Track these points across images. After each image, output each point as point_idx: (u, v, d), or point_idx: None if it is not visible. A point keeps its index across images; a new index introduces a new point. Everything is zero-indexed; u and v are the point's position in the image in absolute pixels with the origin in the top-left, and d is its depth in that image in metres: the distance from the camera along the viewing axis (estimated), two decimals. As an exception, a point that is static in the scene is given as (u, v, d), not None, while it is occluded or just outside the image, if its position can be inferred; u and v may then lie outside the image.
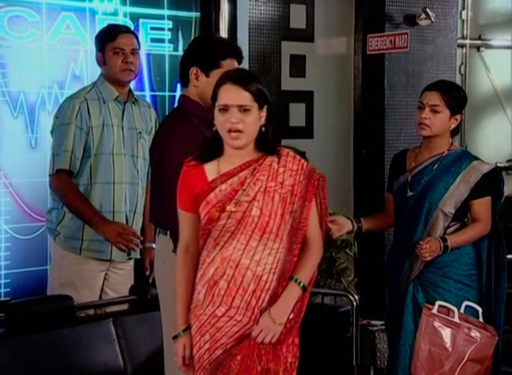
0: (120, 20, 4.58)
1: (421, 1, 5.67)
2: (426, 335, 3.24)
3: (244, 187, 2.58)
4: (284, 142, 5.53)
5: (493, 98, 6.58)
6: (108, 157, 3.63)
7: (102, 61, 3.70)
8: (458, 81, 6.15)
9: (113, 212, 3.64)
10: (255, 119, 2.59)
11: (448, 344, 3.20)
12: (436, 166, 3.41)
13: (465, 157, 3.47)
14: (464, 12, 6.26)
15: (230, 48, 3.09)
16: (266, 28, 5.38)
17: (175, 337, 2.65)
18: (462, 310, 3.27)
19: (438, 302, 3.26)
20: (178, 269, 2.68)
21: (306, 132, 5.68)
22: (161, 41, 4.77)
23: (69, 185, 3.60)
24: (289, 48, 5.52)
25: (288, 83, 5.53)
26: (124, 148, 3.67)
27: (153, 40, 4.73)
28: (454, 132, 3.49)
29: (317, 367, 3.61)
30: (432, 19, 5.61)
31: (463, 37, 6.27)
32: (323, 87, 5.72)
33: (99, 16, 4.51)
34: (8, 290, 4.20)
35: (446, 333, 3.22)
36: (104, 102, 3.64)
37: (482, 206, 3.39)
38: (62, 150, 3.57)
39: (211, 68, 2.97)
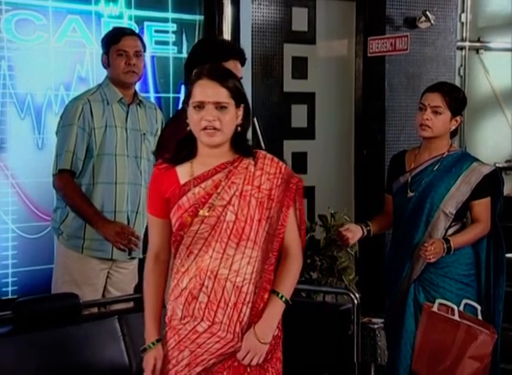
0: (125, 23, 4.59)
1: (421, 4, 5.68)
2: (426, 333, 3.25)
3: (219, 191, 2.40)
4: (286, 143, 5.57)
5: (492, 100, 6.58)
6: (111, 158, 3.63)
7: (107, 63, 3.71)
8: (457, 83, 6.16)
9: (115, 211, 3.63)
10: (232, 118, 2.40)
11: (448, 342, 3.21)
12: (437, 167, 3.41)
13: (465, 158, 3.48)
14: (463, 15, 6.27)
15: (232, 50, 3.10)
16: (268, 31, 5.39)
17: (144, 350, 2.49)
18: (461, 308, 3.28)
19: (438, 300, 3.27)
20: (147, 278, 2.51)
21: (308, 133, 5.69)
22: (166, 43, 4.78)
23: (70, 185, 3.61)
24: (291, 51, 5.53)
25: (290, 84, 5.55)
26: (127, 149, 3.66)
27: (157, 42, 4.74)
28: (453, 133, 3.49)
29: (318, 364, 3.62)
30: (432, 21, 5.62)
31: (462, 40, 6.28)
32: (325, 88, 5.73)
33: (105, 19, 4.52)
34: (15, 288, 4.21)
35: (446, 331, 3.22)
36: (108, 104, 3.64)
37: (483, 207, 3.39)
38: (64, 150, 3.58)
39: None
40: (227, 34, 4.91)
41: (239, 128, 2.44)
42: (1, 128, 4.18)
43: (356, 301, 3.57)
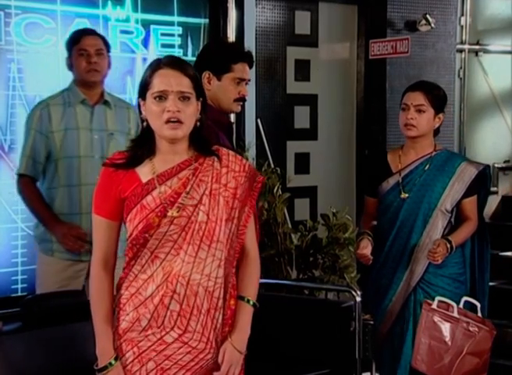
0: (132, 26, 4.59)
1: (421, 8, 5.67)
2: (426, 329, 3.23)
3: (187, 190, 2.19)
4: (289, 144, 5.56)
5: (491, 101, 6.57)
6: (74, 160, 3.51)
7: (71, 65, 3.59)
8: (457, 85, 6.15)
9: (80, 213, 3.52)
10: (194, 110, 2.21)
11: (447, 338, 3.20)
12: (427, 166, 3.35)
13: (455, 156, 3.45)
14: (462, 19, 6.25)
15: (241, 53, 3.07)
16: (272, 34, 5.38)
17: (102, 370, 2.21)
18: (461, 305, 3.27)
19: (437, 298, 3.25)
20: (95, 287, 2.24)
21: (310, 134, 5.68)
22: (172, 46, 4.77)
23: (28, 189, 3.54)
24: (294, 53, 5.53)
25: (293, 86, 5.54)
26: (93, 150, 3.54)
27: (163, 45, 4.73)
28: (436, 132, 3.42)
29: (320, 360, 3.61)
30: (432, 25, 5.61)
31: (462, 43, 6.26)
32: (327, 90, 5.72)
33: (112, 22, 4.52)
34: (24, 285, 4.21)
35: (446, 328, 3.22)
36: (69, 106, 3.54)
37: (473, 204, 3.36)
38: (22, 155, 3.53)
39: (222, 72, 2.94)
40: (231, 38, 4.90)
41: (198, 123, 2.25)
42: (10, 129, 4.18)
43: (357, 299, 3.56)
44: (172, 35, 4.77)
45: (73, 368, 3.03)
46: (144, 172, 2.22)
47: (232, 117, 4.09)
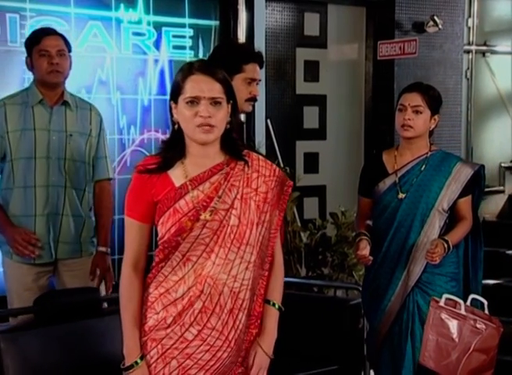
0: (144, 28, 4.60)
1: (429, 10, 5.65)
2: (434, 326, 3.21)
3: (219, 194, 2.20)
4: (298, 143, 5.56)
5: (498, 101, 6.54)
6: (29, 161, 3.37)
7: (31, 65, 3.43)
8: (464, 85, 6.13)
9: (35, 215, 3.39)
10: (225, 114, 2.21)
11: (455, 335, 3.18)
12: (424, 166, 3.31)
13: (450, 157, 3.40)
14: (470, 20, 6.24)
15: (252, 53, 3.05)
16: (282, 35, 5.38)
17: (128, 369, 2.21)
18: (468, 303, 3.25)
19: (445, 295, 3.24)
20: (126, 289, 2.24)
21: (319, 133, 5.68)
22: (183, 47, 4.77)
23: None
24: (303, 55, 5.52)
25: (302, 87, 5.54)
26: (49, 151, 3.39)
27: (175, 47, 4.73)
28: (431, 133, 3.38)
29: (328, 356, 3.60)
30: (440, 26, 5.60)
31: (469, 44, 6.24)
32: (335, 91, 5.71)
33: (124, 24, 4.52)
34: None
35: (453, 325, 3.19)
36: (27, 107, 3.39)
37: (468, 204, 3.33)
38: None
39: (234, 72, 2.90)
40: (242, 39, 4.90)
41: (228, 125, 2.24)
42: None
43: (366, 296, 3.54)
44: (184, 37, 4.77)
45: (86, 364, 3.04)
46: (177, 175, 2.22)
47: (243, 117, 4.08)
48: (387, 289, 3.33)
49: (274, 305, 2.31)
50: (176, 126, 2.23)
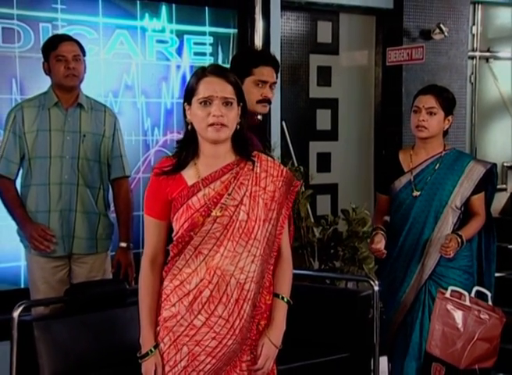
0: (167, 36, 4.61)
1: (435, 18, 5.63)
2: (440, 317, 3.21)
3: (229, 191, 2.22)
4: (311, 144, 5.55)
5: (500, 104, 6.51)
6: (45, 160, 3.40)
7: (48, 69, 3.45)
8: (469, 89, 6.11)
9: (49, 211, 3.42)
10: (236, 115, 2.22)
11: (460, 325, 3.17)
12: (438, 165, 3.30)
13: (464, 156, 3.39)
14: (474, 27, 6.21)
15: (261, 56, 3.02)
16: (296, 43, 5.38)
17: (143, 357, 2.24)
18: (473, 295, 3.24)
19: (451, 287, 3.22)
20: (144, 282, 2.27)
21: (331, 135, 5.67)
22: (203, 54, 4.77)
23: (3, 188, 3.44)
24: (316, 61, 5.52)
25: (315, 91, 5.54)
26: (63, 151, 3.41)
27: (196, 53, 4.74)
28: (445, 133, 3.37)
29: (340, 345, 3.60)
30: (445, 33, 5.57)
31: (473, 50, 6.22)
32: (347, 95, 5.70)
33: (149, 33, 4.54)
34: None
35: (458, 315, 3.18)
36: (43, 109, 3.42)
37: (481, 200, 3.32)
38: None
39: (244, 75, 2.88)
40: (259, 46, 4.90)
41: (238, 126, 2.25)
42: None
43: (375, 288, 3.54)
44: (204, 44, 4.77)
45: (112, 350, 3.06)
46: (190, 175, 2.25)
47: (260, 118, 4.08)
48: (402, 282, 3.33)
49: (282, 298, 2.32)
50: (190, 127, 2.25)
